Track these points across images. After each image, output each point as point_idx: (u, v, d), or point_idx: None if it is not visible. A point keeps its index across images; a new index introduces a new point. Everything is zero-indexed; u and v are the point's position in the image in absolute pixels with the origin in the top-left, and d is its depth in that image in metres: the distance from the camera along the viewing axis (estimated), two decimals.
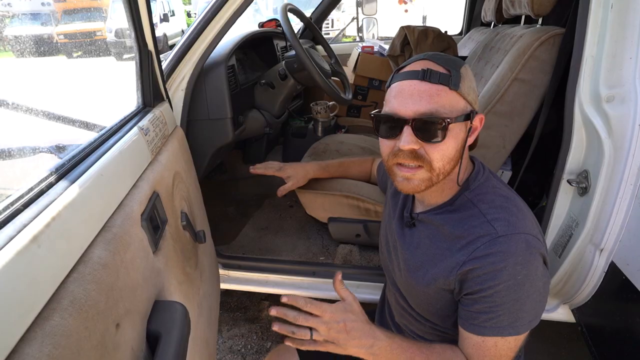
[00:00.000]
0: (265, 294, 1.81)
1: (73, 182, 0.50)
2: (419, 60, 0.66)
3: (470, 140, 0.69)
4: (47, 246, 0.40)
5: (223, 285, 1.37)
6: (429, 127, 0.62)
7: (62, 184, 0.49)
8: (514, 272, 0.61)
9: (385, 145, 0.68)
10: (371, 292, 1.31)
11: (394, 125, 0.65)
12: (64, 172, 0.52)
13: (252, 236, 1.60)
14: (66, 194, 0.47)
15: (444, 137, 0.63)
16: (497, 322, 0.63)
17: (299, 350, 1.04)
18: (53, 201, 0.45)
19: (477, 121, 0.68)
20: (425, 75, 0.62)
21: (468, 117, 0.65)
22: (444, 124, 0.62)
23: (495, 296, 0.62)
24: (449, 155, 0.65)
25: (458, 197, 0.70)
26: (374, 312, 1.05)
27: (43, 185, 0.47)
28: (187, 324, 0.63)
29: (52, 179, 0.49)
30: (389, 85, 0.69)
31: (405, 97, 0.63)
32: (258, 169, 1.22)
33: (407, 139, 0.63)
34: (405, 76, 0.65)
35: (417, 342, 0.72)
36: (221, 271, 1.38)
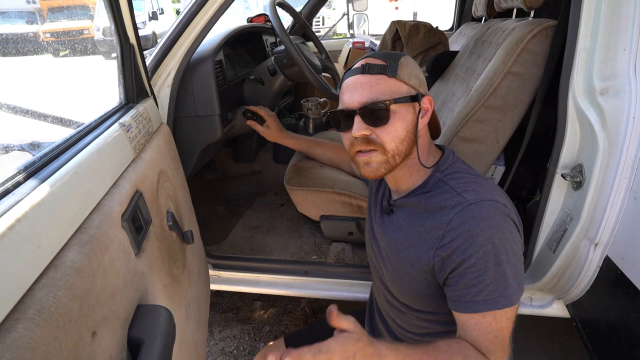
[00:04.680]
0: (257, 294, 1.78)
1: (43, 180, 0.46)
2: (361, 59, 0.74)
3: (424, 122, 0.73)
4: (10, 250, 0.37)
5: (213, 286, 1.34)
6: (373, 113, 0.69)
7: (31, 182, 0.45)
8: (490, 235, 0.63)
9: (345, 138, 0.76)
10: (364, 290, 1.30)
11: (346, 117, 0.72)
12: (34, 170, 0.48)
13: (242, 236, 1.57)
14: (35, 193, 0.44)
15: (388, 119, 0.69)
16: (487, 294, 0.63)
17: (287, 347, 1.03)
18: (19, 201, 0.41)
19: (427, 103, 0.73)
20: (364, 69, 0.71)
21: (414, 99, 0.71)
22: (384, 107, 0.68)
23: (479, 264, 0.63)
24: (399, 136, 0.70)
25: (430, 179, 0.74)
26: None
27: (9, 184, 0.44)
28: (171, 328, 0.60)
29: (19, 177, 0.46)
30: (340, 85, 0.76)
31: (351, 91, 0.71)
32: (252, 107, 1.34)
33: (357, 127, 0.70)
34: (349, 74, 0.73)
35: (422, 346, 0.69)
36: (211, 272, 1.35)
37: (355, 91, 0.71)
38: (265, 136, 1.32)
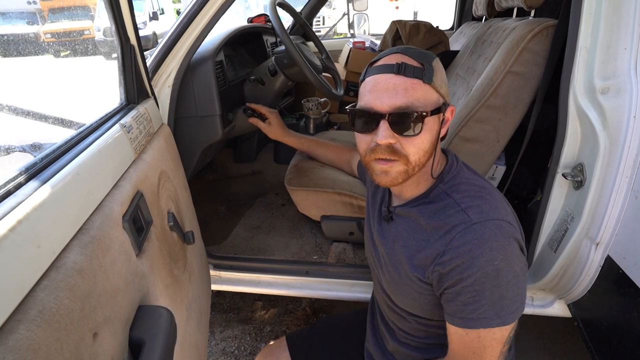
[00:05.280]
0: (258, 295, 1.78)
1: (45, 182, 0.47)
2: (392, 53, 0.67)
3: (443, 132, 0.70)
4: (12, 252, 0.37)
5: (214, 287, 1.34)
6: (405, 121, 0.62)
7: (32, 184, 0.45)
8: (491, 258, 0.61)
9: (362, 140, 0.69)
10: (365, 290, 1.30)
11: (370, 119, 0.65)
12: (35, 171, 0.49)
13: (243, 236, 1.57)
14: (36, 194, 0.44)
15: (420, 131, 0.63)
16: (482, 312, 0.63)
17: (289, 346, 1.04)
18: (21, 203, 0.41)
19: (449, 113, 0.69)
20: (400, 69, 0.63)
21: (441, 109, 0.66)
22: (420, 117, 0.62)
23: (476, 284, 0.62)
24: (425, 148, 0.66)
25: (433, 189, 0.71)
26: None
27: (10, 186, 0.44)
28: (172, 329, 0.60)
29: (21, 178, 0.46)
30: (363, 79, 0.69)
31: (380, 91, 0.63)
32: (253, 104, 1.35)
33: (384, 134, 0.63)
34: (379, 70, 0.65)
35: None
36: (212, 272, 1.35)
37: (386, 92, 0.63)
38: (268, 133, 1.32)
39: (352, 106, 0.68)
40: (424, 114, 0.62)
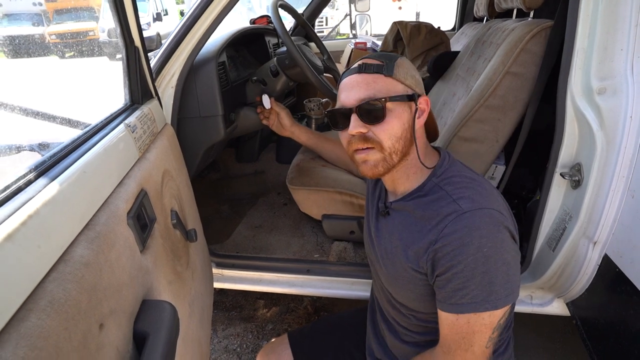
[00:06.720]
0: (260, 293, 1.80)
1: (53, 179, 0.49)
2: (358, 60, 0.75)
3: (420, 122, 0.74)
4: (23, 245, 0.39)
5: (217, 285, 1.36)
6: (370, 110, 0.70)
7: (42, 181, 0.47)
8: (480, 245, 0.64)
9: (343, 137, 0.77)
10: (366, 289, 1.31)
11: (343, 116, 0.73)
12: (44, 169, 0.51)
13: (245, 235, 1.58)
14: (45, 191, 0.46)
15: (384, 117, 0.70)
16: (472, 297, 0.65)
17: (291, 343, 1.05)
18: (31, 199, 0.43)
19: (423, 103, 0.74)
20: (361, 68, 0.72)
21: (410, 98, 0.72)
22: (380, 104, 0.69)
23: (466, 270, 0.64)
24: (396, 134, 0.71)
25: (426, 183, 0.75)
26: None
27: (21, 182, 0.46)
28: (175, 323, 0.62)
29: (30, 176, 0.48)
30: (338, 85, 0.77)
31: (348, 90, 0.73)
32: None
33: (354, 124, 0.71)
34: (347, 73, 0.75)
35: None
36: (215, 270, 1.37)
37: (352, 90, 0.72)
38: (281, 119, 1.31)
39: (331, 109, 0.76)
40: (384, 99, 0.69)
